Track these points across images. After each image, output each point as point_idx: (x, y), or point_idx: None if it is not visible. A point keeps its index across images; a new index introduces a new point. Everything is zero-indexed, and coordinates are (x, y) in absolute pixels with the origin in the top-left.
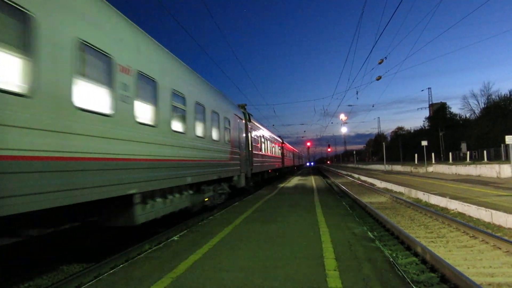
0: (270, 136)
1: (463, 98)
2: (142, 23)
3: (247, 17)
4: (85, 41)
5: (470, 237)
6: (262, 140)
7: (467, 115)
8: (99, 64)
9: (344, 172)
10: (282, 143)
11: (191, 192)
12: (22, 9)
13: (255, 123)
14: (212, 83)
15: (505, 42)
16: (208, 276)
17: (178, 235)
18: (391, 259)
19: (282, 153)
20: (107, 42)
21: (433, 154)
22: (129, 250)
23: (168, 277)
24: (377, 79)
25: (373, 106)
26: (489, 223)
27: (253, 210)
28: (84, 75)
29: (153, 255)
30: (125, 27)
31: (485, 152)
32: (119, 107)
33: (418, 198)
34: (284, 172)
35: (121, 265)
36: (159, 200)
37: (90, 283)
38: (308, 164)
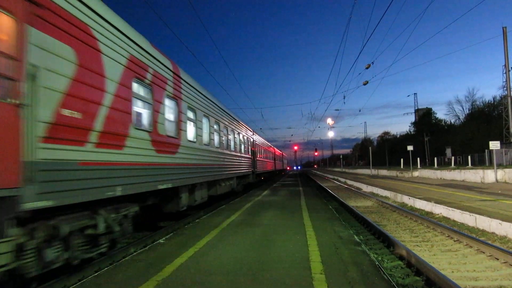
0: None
1: (448, 104)
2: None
3: (235, 21)
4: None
5: (455, 241)
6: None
7: (452, 121)
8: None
9: (331, 176)
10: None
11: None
12: None
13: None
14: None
15: (489, 49)
16: (194, 280)
17: (164, 238)
18: (376, 263)
19: (274, 157)
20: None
21: (418, 159)
22: (114, 252)
23: (153, 280)
24: (364, 84)
25: (359, 110)
26: (473, 227)
27: (240, 213)
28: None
29: (138, 258)
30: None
31: (469, 157)
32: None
33: (403, 202)
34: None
35: (106, 268)
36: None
37: (74, 285)
38: (295, 168)
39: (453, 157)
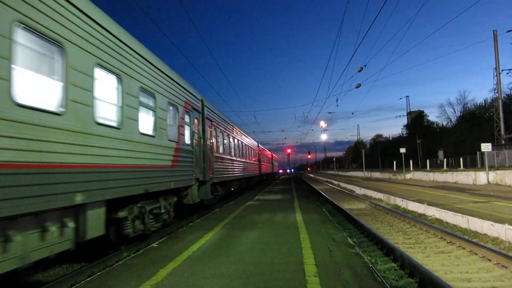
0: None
1: (440, 107)
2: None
3: (228, 25)
4: None
5: (447, 243)
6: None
7: (444, 123)
8: None
9: (324, 179)
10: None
11: None
12: None
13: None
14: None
15: (481, 52)
16: (188, 283)
17: (157, 242)
18: (370, 265)
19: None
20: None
21: (411, 161)
22: (106, 257)
23: (147, 284)
24: (357, 87)
25: (352, 113)
26: (465, 229)
27: (234, 216)
28: None
29: (132, 262)
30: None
31: (461, 159)
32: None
33: (396, 205)
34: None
35: (98, 273)
36: None
37: None
38: (288, 171)
39: (445, 159)
